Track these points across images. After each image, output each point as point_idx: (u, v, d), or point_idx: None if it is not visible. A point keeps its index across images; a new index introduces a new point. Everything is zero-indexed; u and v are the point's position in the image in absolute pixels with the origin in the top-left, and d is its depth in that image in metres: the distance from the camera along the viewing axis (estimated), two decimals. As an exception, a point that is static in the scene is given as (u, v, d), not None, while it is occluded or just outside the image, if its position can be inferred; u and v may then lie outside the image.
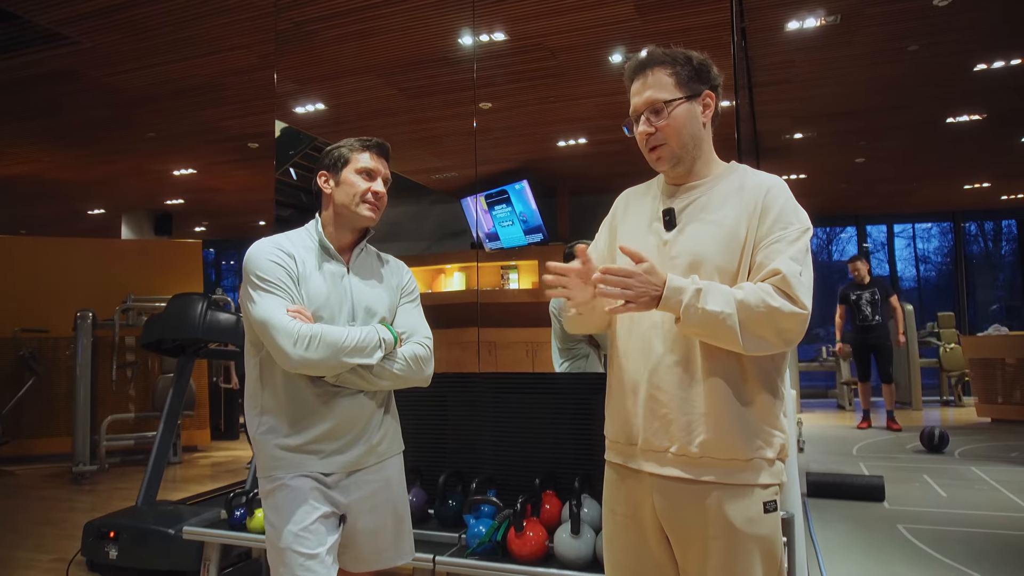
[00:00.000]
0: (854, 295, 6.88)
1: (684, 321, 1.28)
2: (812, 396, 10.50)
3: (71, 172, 7.57)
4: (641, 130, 1.42)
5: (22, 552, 3.78)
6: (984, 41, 4.65)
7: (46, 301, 6.80)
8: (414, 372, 1.71)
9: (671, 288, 1.27)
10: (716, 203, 1.40)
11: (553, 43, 4.04)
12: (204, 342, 3.80)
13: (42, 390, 6.69)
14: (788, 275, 1.27)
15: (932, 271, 13.92)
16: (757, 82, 5.14)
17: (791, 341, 1.29)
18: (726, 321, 1.25)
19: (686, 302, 1.26)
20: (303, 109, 5.21)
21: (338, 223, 1.74)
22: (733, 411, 1.32)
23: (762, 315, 1.25)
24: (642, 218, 1.48)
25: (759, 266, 1.32)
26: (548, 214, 6.25)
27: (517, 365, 5.14)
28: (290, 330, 1.54)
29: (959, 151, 7.62)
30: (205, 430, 7.35)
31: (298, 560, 1.56)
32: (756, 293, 1.27)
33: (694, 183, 1.44)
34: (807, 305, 1.27)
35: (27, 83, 4.93)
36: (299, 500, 1.60)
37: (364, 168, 1.72)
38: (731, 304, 1.25)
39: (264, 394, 1.67)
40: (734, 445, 1.32)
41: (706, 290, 1.26)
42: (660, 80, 1.40)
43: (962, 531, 3.67)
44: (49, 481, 5.81)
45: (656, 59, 1.42)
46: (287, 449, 1.63)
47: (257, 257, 1.64)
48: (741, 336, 1.25)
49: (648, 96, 1.40)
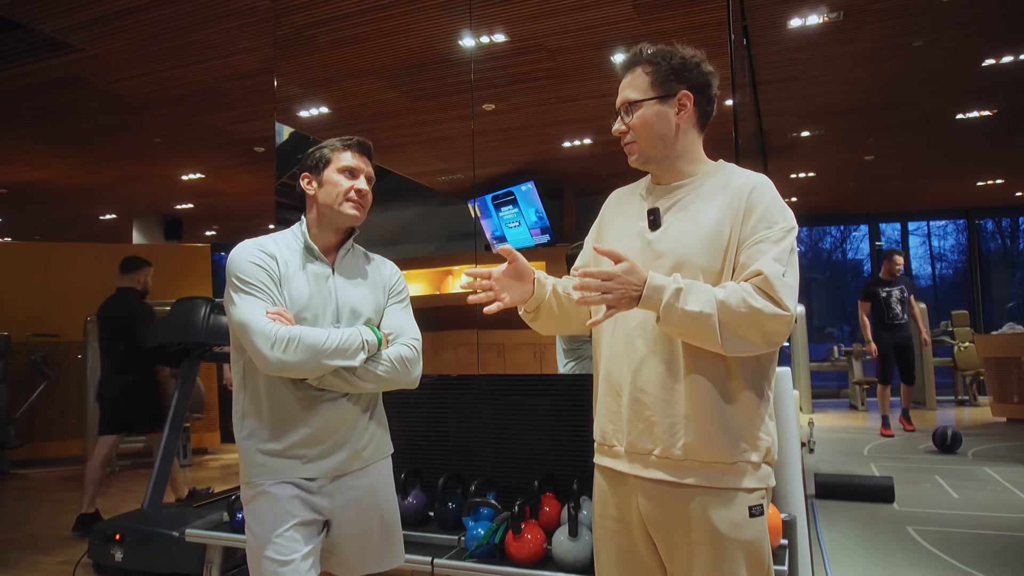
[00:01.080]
0: (883, 292, 6.46)
1: (664, 320, 1.26)
2: (824, 396, 10.40)
3: (81, 178, 7.65)
4: (614, 128, 1.44)
5: (31, 554, 3.81)
6: (991, 35, 4.59)
7: (58, 306, 6.87)
8: (400, 374, 1.68)
9: (651, 287, 1.25)
10: (700, 202, 1.39)
11: (552, 44, 4.03)
12: (208, 345, 3.82)
13: (54, 394, 6.76)
14: (770, 276, 1.25)
15: (948, 269, 13.77)
16: (761, 80, 5.10)
17: (774, 343, 1.28)
18: (706, 321, 1.23)
19: (666, 301, 1.24)
20: (307, 112, 5.24)
21: (322, 224, 1.72)
22: (717, 413, 1.31)
23: (743, 316, 1.23)
24: (628, 218, 1.48)
25: (742, 266, 1.31)
26: (554, 215, 6.24)
27: (524, 367, 5.14)
28: (267, 332, 1.52)
29: (970, 148, 7.53)
30: (215, 432, 7.40)
31: (272, 567, 1.55)
32: (737, 293, 1.25)
33: (679, 183, 1.43)
34: (790, 307, 1.26)
35: (34, 90, 4.98)
36: (277, 508, 1.59)
37: (346, 167, 1.70)
38: (711, 304, 1.24)
39: (246, 398, 1.65)
40: (717, 448, 1.30)
41: (687, 289, 1.25)
42: (637, 80, 1.41)
43: (973, 533, 3.62)
44: (61, 484, 5.87)
45: (639, 58, 1.43)
46: (269, 454, 1.62)
47: (238, 259, 1.62)
48: (721, 337, 1.24)
49: (623, 95, 1.43)
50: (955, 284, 13.29)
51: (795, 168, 8.21)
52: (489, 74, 4.55)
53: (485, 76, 4.54)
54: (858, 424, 7.85)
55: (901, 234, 12.30)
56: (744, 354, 1.29)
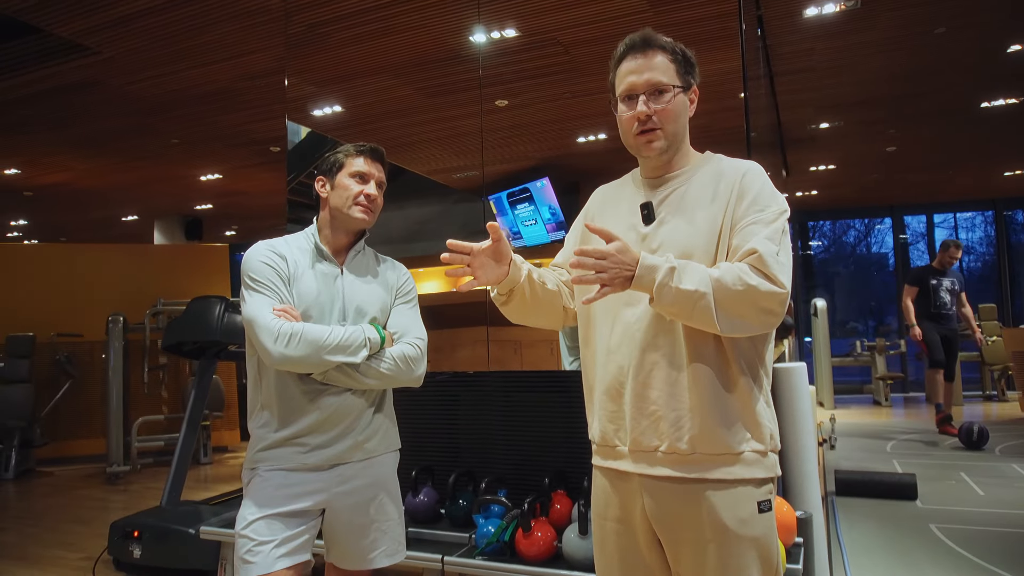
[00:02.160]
0: (934, 280, 6.18)
1: (658, 300, 1.24)
2: (846, 392, 10.26)
3: (102, 179, 7.77)
4: (640, 110, 1.36)
5: (53, 550, 3.88)
6: (1017, 20, 4.46)
7: (81, 306, 7.01)
8: (403, 372, 1.72)
9: (644, 267, 1.22)
10: (694, 194, 1.37)
11: (565, 38, 4.01)
12: (223, 344, 3.85)
13: (78, 393, 6.89)
14: (764, 254, 1.23)
15: (976, 262, 13.47)
16: (777, 71, 5.02)
17: (770, 323, 1.25)
18: (700, 300, 1.21)
19: (659, 280, 1.22)
20: (320, 112, 5.26)
21: (333, 225, 1.80)
22: (720, 403, 1.29)
23: (739, 294, 1.21)
24: (619, 214, 1.45)
25: (735, 248, 1.29)
26: (569, 210, 6.21)
27: (541, 363, 5.13)
28: (272, 328, 1.59)
29: (996, 137, 7.35)
30: (235, 431, 7.49)
31: (246, 545, 1.61)
32: (732, 272, 1.23)
33: (671, 174, 1.41)
34: (785, 284, 1.23)
35: (53, 93, 5.06)
36: (267, 492, 1.65)
37: (357, 172, 1.77)
38: (706, 283, 1.21)
39: (261, 391, 1.72)
40: (723, 438, 1.29)
41: (680, 268, 1.23)
42: (664, 64, 1.37)
43: (998, 531, 3.53)
44: (85, 481, 5.98)
45: (659, 42, 1.38)
46: (272, 444, 1.67)
47: (250, 259, 1.71)
48: (716, 315, 1.21)
49: (651, 77, 1.35)
50: (983, 277, 12.99)
51: (815, 161, 8.09)
52: (502, 69, 4.53)
53: (498, 72, 4.53)
54: (881, 420, 7.72)
55: (927, 226, 12.06)
56: (740, 334, 1.27)
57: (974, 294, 12.30)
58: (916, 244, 12.35)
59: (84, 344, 6.96)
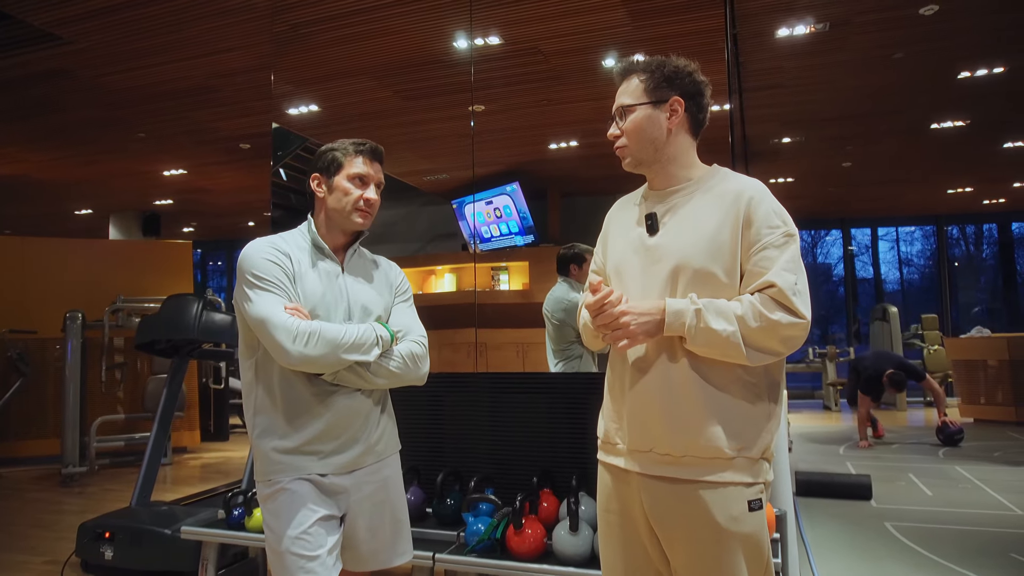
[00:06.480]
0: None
1: (691, 341, 1.33)
2: (799, 397, 10.63)
3: (60, 172, 7.52)
4: (609, 132, 1.50)
5: (15, 554, 3.75)
6: (968, 49, 4.75)
7: (34, 302, 6.74)
8: (411, 370, 1.72)
9: (671, 313, 1.33)
10: (696, 206, 1.42)
11: (547, 47, 4.08)
12: (199, 343, 3.80)
13: (30, 391, 6.63)
14: (784, 287, 1.30)
15: (915, 273, 14.11)
16: (747, 87, 5.21)
17: (794, 347, 1.34)
18: (730, 338, 1.29)
19: (688, 323, 1.31)
20: (296, 111, 5.21)
21: (330, 226, 1.75)
22: (716, 411, 1.35)
23: (763, 329, 1.30)
24: (628, 225, 1.52)
25: (751, 273, 1.35)
26: (538, 216, 6.28)
27: (507, 365, 5.16)
28: (289, 327, 1.54)
29: (943, 156, 7.74)
30: (195, 431, 7.32)
31: (298, 563, 1.56)
32: (754, 307, 1.31)
33: (674, 187, 1.47)
34: (806, 314, 1.31)
35: (17, 83, 4.90)
36: (298, 504, 1.60)
37: (357, 174, 1.72)
38: (732, 320, 1.30)
39: (259, 395, 1.66)
40: (715, 444, 1.34)
41: (705, 309, 1.31)
42: (631, 86, 1.47)
43: (948, 528, 3.74)
44: (38, 483, 5.77)
45: (635, 67, 1.48)
46: (285, 451, 1.63)
47: (253, 256, 1.64)
48: (745, 350, 1.30)
49: (618, 101, 1.48)
50: (922, 288, 13.61)
51: (775, 173, 8.36)
52: (481, 76, 4.57)
53: (477, 78, 4.57)
54: (832, 424, 8.02)
55: (871, 239, 12.59)
56: (766, 363, 1.35)
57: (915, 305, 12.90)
58: (860, 256, 12.86)
59: (36, 341, 6.70)
